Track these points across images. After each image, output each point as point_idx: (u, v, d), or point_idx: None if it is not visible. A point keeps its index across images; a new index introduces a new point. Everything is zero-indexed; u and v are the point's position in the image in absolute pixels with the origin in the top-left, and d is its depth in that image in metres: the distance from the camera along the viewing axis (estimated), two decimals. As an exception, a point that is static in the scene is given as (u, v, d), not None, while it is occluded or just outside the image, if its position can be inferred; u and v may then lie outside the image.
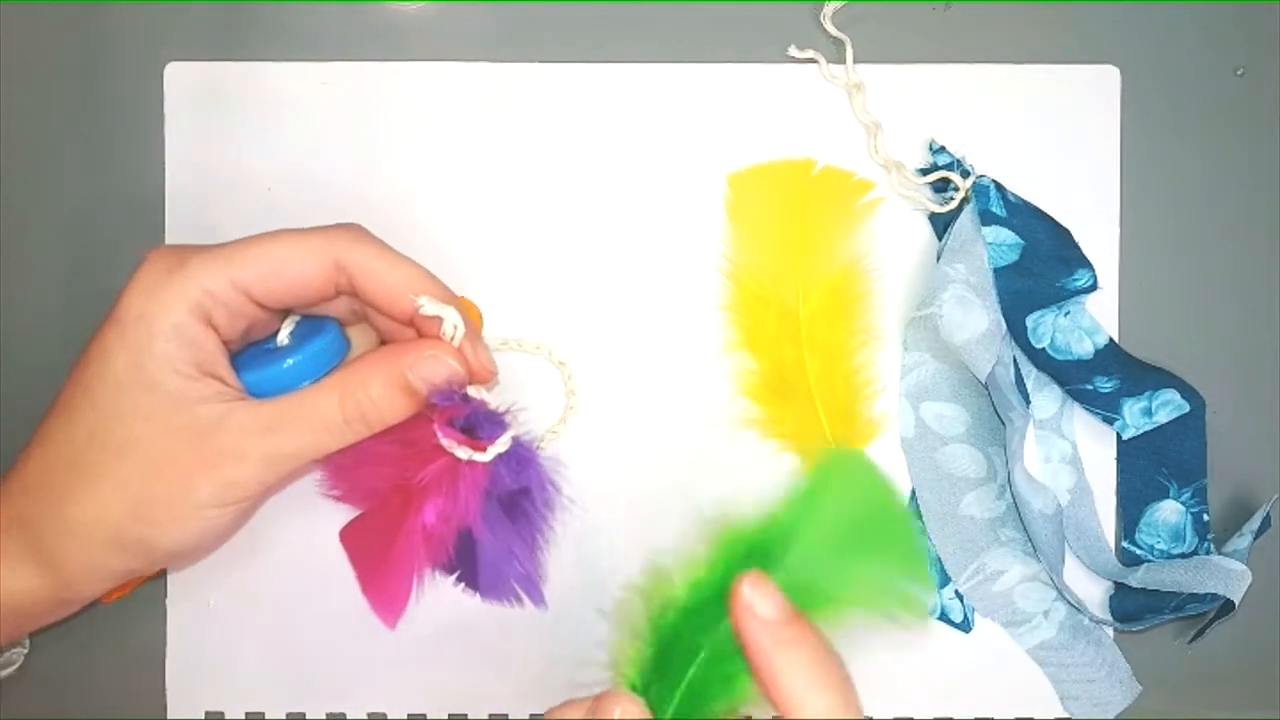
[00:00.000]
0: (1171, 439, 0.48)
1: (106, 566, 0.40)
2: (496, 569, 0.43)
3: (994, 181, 0.48)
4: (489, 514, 0.42)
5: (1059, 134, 0.48)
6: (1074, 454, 0.49)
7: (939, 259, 0.47)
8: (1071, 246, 0.48)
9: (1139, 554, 0.48)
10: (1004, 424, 0.47)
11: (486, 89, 0.48)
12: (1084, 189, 0.48)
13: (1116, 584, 0.48)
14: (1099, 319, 0.48)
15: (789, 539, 0.37)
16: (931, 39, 0.49)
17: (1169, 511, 0.48)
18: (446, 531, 0.42)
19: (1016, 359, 0.48)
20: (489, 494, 0.42)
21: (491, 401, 0.42)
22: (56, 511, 0.39)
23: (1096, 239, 0.48)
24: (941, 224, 0.48)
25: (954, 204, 0.48)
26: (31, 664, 0.45)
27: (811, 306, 0.48)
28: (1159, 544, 0.48)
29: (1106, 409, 0.48)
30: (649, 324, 0.48)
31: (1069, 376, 0.48)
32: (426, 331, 0.42)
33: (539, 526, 0.44)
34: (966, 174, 0.48)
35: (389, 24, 0.48)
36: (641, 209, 0.48)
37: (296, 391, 0.41)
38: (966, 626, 0.48)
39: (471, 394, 0.41)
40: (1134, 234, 0.49)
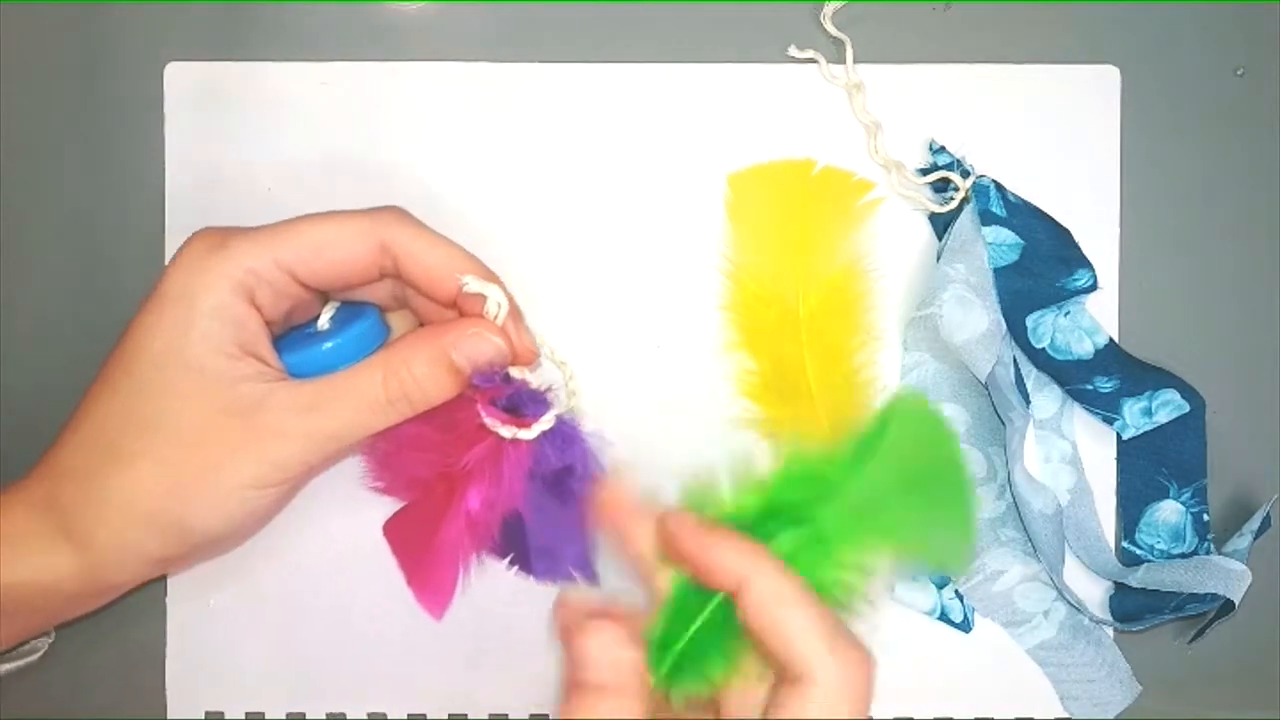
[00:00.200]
0: (1171, 439, 0.48)
1: (141, 550, 0.40)
2: (548, 550, 0.43)
3: (994, 181, 0.48)
4: (535, 495, 0.42)
5: (1059, 134, 0.48)
6: (1074, 454, 0.49)
7: (939, 259, 0.47)
8: (1071, 246, 0.48)
9: (1139, 554, 0.48)
10: (1004, 424, 0.47)
11: (486, 89, 0.48)
12: (1084, 189, 0.49)
13: (1116, 584, 0.48)
14: (1099, 319, 0.48)
15: (850, 471, 0.37)
16: (931, 39, 0.49)
17: (1169, 511, 0.48)
18: (491, 517, 0.41)
19: (1016, 359, 0.48)
20: (533, 475, 0.42)
21: (534, 381, 0.42)
22: (91, 491, 0.39)
23: (1096, 239, 0.48)
24: (941, 224, 0.48)
25: (954, 204, 0.48)
26: (32, 664, 0.45)
27: (811, 306, 0.48)
28: (1159, 544, 0.48)
29: (1106, 409, 0.48)
30: (649, 324, 0.48)
31: (1069, 376, 0.48)
32: (469, 312, 0.42)
33: (587, 506, 0.43)
34: (966, 174, 0.48)
35: (389, 24, 0.48)
36: (641, 209, 0.48)
37: (339, 371, 0.41)
38: (966, 626, 0.48)
39: (514, 374, 0.41)
40: (1134, 234, 0.49)
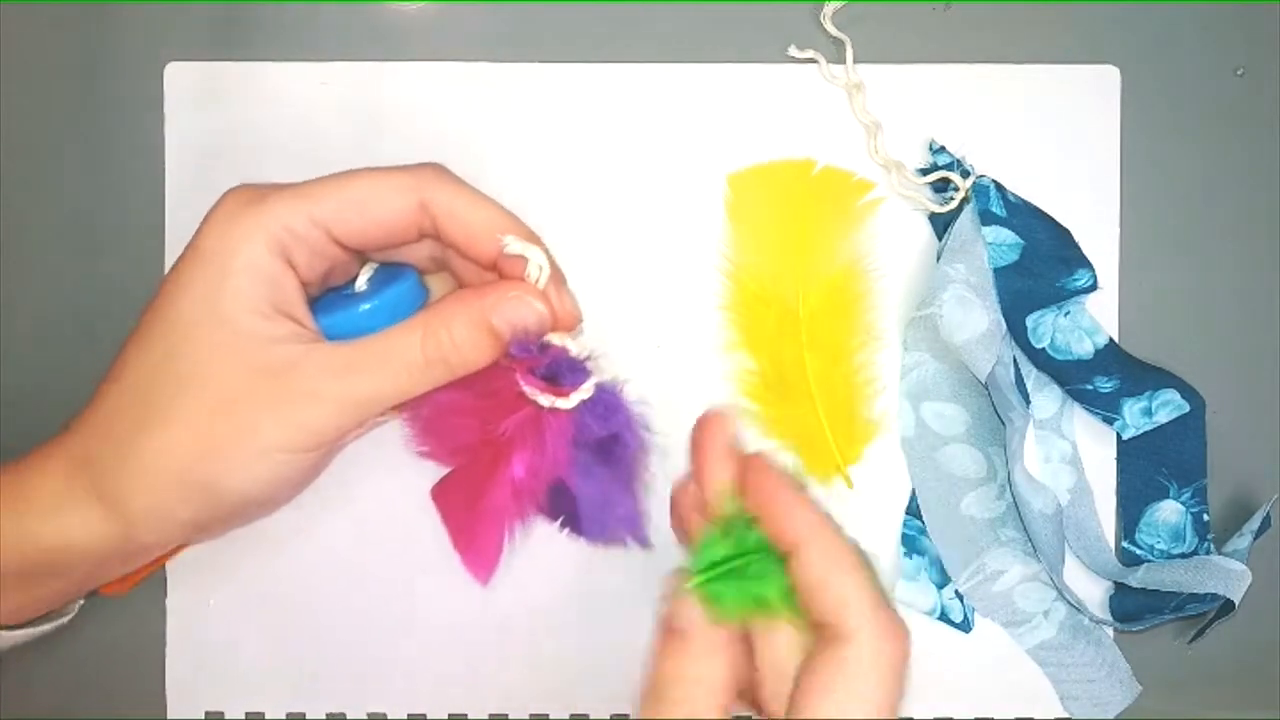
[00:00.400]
0: (1171, 439, 0.48)
1: (172, 511, 0.39)
2: (598, 514, 0.42)
3: (994, 181, 0.48)
4: (582, 461, 0.41)
5: (1059, 134, 0.48)
6: (1074, 454, 0.49)
7: (939, 259, 0.47)
8: (1071, 246, 0.48)
9: (1139, 554, 0.48)
10: (1004, 424, 0.47)
11: (486, 89, 0.48)
12: (1084, 189, 0.49)
13: (1116, 584, 0.48)
14: (1099, 319, 0.48)
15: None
16: (931, 39, 0.49)
17: (1169, 511, 0.48)
18: (536, 484, 0.41)
19: (1016, 359, 0.48)
20: (578, 442, 0.41)
21: (574, 349, 0.41)
22: (125, 447, 0.38)
23: (1096, 239, 0.48)
24: (941, 224, 0.48)
25: (954, 204, 0.48)
26: (32, 664, 0.45)
27: (811, 306, 0.48)
28: (1159, 544, 0.48)
29: (1106, 409, 0.48)
30: (649, 324, 0.48)
31: (1069, 376, 0.48)
32: (510, 275, 0.41)
33: (634, 471, 0.43)
34: (966, 174, 0.48)
35: (389, 24, 0.48)
36: (641, 209, 0.48)
37: (376, 334, 0.39)
38: (966, 626, 0.48)
39: (555, 341, 0.40)
40: (1134, 234, 0.49)
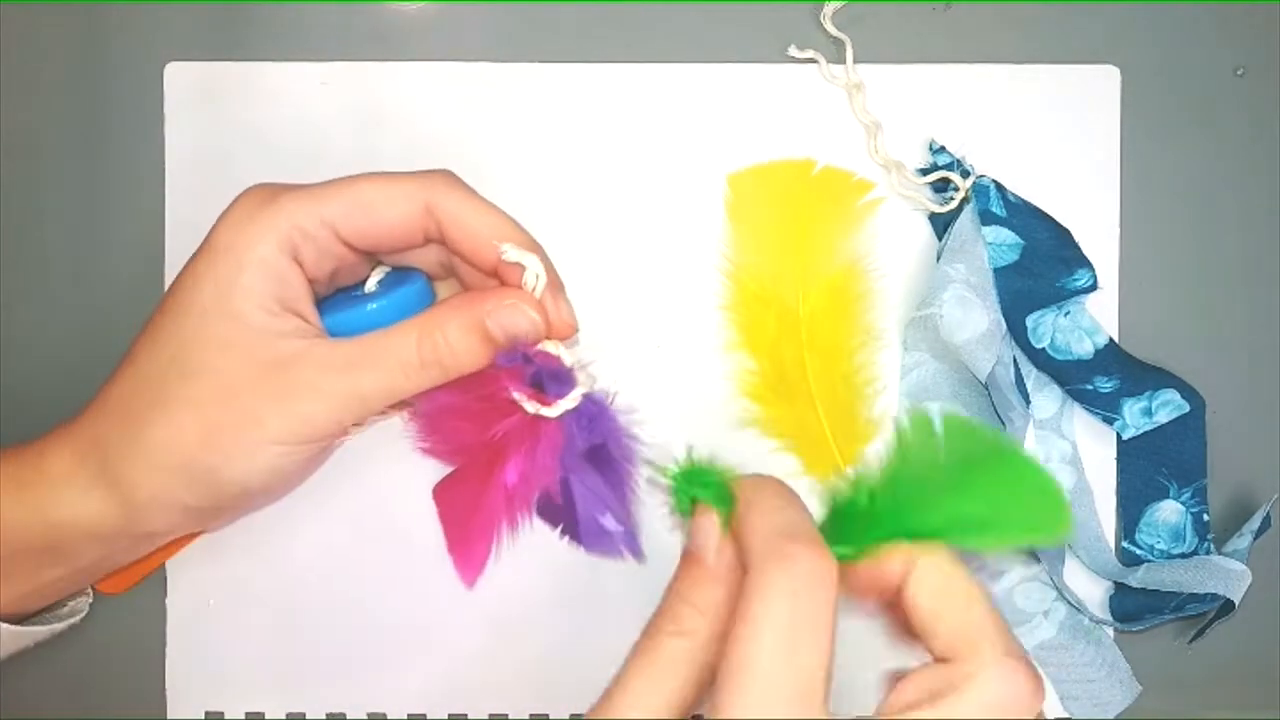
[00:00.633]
0: (1171, 439, 0.48)
1: (176, 496, 0.40)
2: (591, 524, 0.43)
3: (994, 181, 0.48)
4: (577, 468, 0.42)
5: (1059, 134, 0.48)
6: (1074, 454, 0.49)
7: (939, 259, 0.47)
8: (1071, 246, 0.48)
9: (1139, 554, 0.48)
10: (1004, 424, 0.47)
11: (486, 89, 0.48)
12: (1084, 189, 0.49)
13: (1116, 584, 0.48)
14: (1099, 319, 0.48)
15: (892, 495, 0.35)
16: (931, 39, 0.49)
17: (1169, 511, 0.48)
18: (528, 491, 0.41)
19: (1016, 359, 0.48)
20: (569, 451, 0.41)
21: (567, 358, 0.41)
22: (131, 433, 0.39)
23: (1096, 239, 0.48)
24: (941, 224, 0.48)
25: (954, 204, 0.48)
26: (32, 664, 0.45)
27: (811, 306, 0.48)
28: (1159, 544, 0.48)
29: (1106, 409, 0.48)
30: (649, 324, 0.48)
31: (1069, 376, 0.48)
32: (509, 282, 0.41)
33: (624, 480, 0.43)
34: (966, 174, 0.48)
35: (389, 24, 0.48)
36: (641, 209, 0.48)
37: (376, 332, 0.41)
38: (966, 626, 0.48)
39: (550, 349, 0.41)
40: (1134, 234, 0.49)
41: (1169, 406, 0.48)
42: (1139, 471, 0.48)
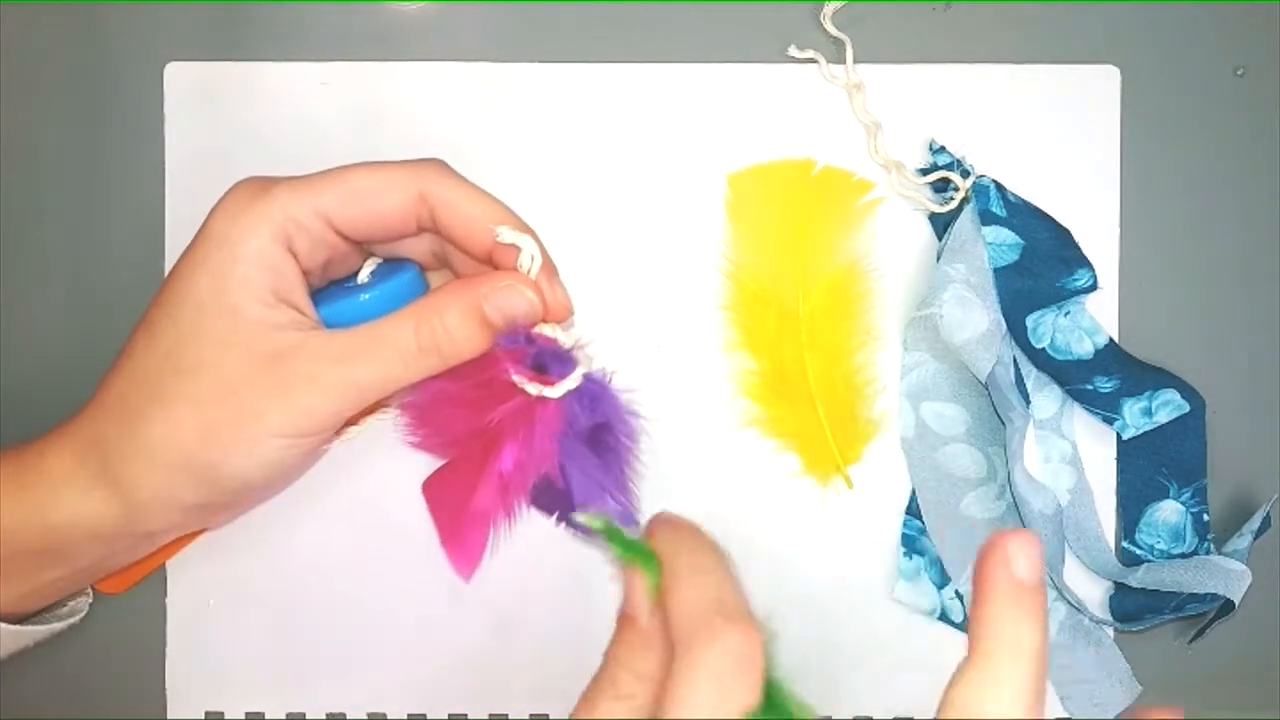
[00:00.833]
0: (1171, 439, 0.48)
1: (176, 494, 0.40)
2: (590, 507, 0.42)
3: (994, 181, 0.48)
4: (574, 453, 0.42)
5: (1059, 134, 0.48)
6: (1074, 454, 0.49)
7: (939, 259, 0.47)
8: (1071, 246, 0.48)
9: (1139, 554, 0.48)
10: (1004, 424, 0.47)
11: (486, 89, 0.48)
12: (1084, 189, 0.48)
13: (1116, 584, 0.48)
14: (1099, 319, 0.48)
15: None
16: (931, 39, 0.49)
17: (1169, 511, 0.48)
18: (524, 478, 0.41)
19: (1016, 359, 0.48)
20: (569, 434, 0.41)
21: (564, 339, 0.41)
22: (130, 430, 0.39)
23: (1096, 239, 0.48)
24: (941, 224, 0.48)
25: (954, 204, 0.48)
26: (32, 664, 0.45)
27: (811, 306, 0.48)
28: (1159, 544, 0.48)
29: (1106, 409, 0.48)
30: (649, 324, 0.48)
31: (1069, 376, 0.48)
32: (504, 266, 0.41)
33: (625, 459, 0.43)
34: (966, 174, 0.48)
35: (389, 24, 0.48)
36: (641, 209, 0.48)
37: (373, 322, 0.41)
38: (966, 627, 0.48)
39: (547, 332, 0.41)
40: (1134, 234, 0.49)
41: (1169, 406, 0.48)
42: (1139, 471, 0.48)
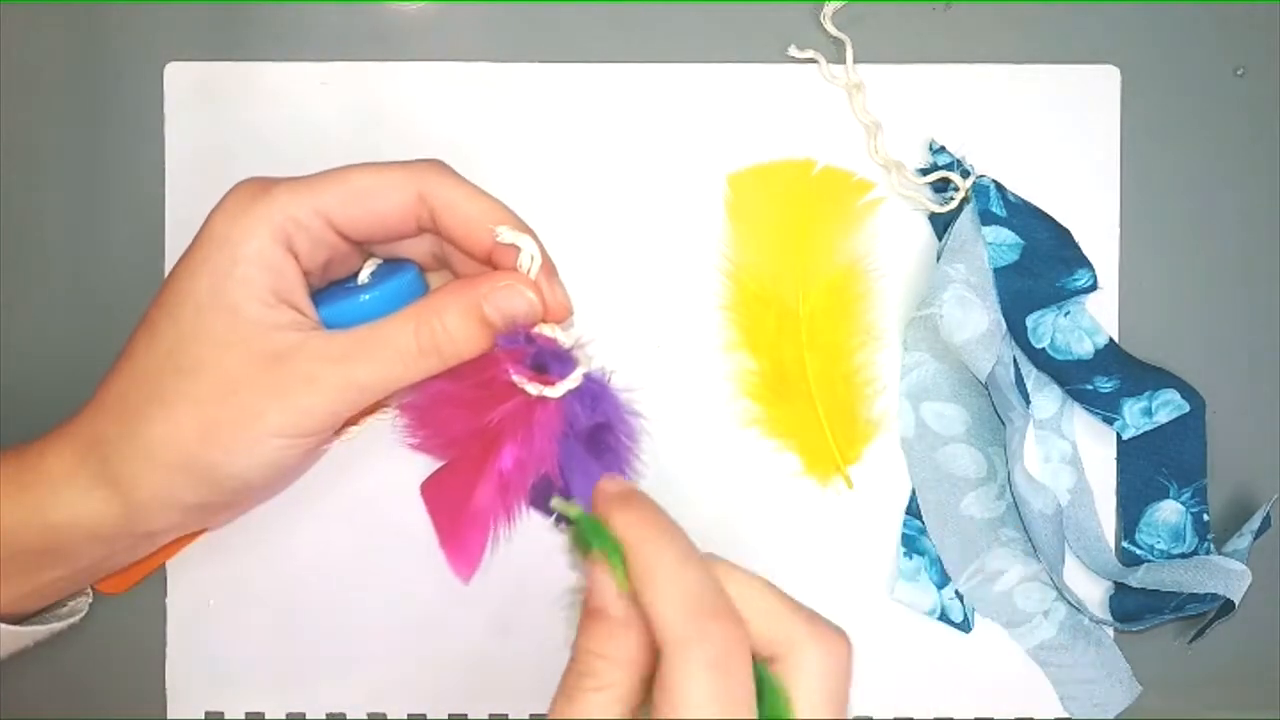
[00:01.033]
0: (1171, 439, 0.48)
1: (176, 494, 0.40)
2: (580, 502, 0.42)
3: (994, 181, 0.48)
4: (573, 454, 0.41)
5: (1059, 134, 0.48)
6: (1074, 454, 0.49)
7: (939, 259, 0.47)
8: (1071, 246, 0.48)
9: (1139, 554, 0.48)
10: (1004, 424, 0.47)
11: (486, 89, 0.48)
12: (1084, 189, 0.48)
13: (1116, 584, 0.48)
14: (1099, 319, 0.48)
15: None
16: (931, 39, 0.49)
17: (1169, 511, 0.48)
18: (523, 478, 0.41)
19: (1016, 359, 0.48)
20: (569, 435, 0.41)
21: (563, 339, 0.41)
22: (130, 430, 0.39)
23: (1096, 239, 0.48)
24: (941, 224, 0.48)
25: (954, 204, 0.48)
26: (32, 664, 0.45)
27: (811, 306, 0.48)
28: (1159, 544, 0.48)
29: (1106, 409, 0.48)
30: (649, 324, 0.48)
31: (1069, 376, 0.48)
32: (503, 266, 0.41)
33: (625, 459, 0.42)
34: (966, 174, 0.48)
35: (389, 24, 0.48)
36: (641, 209, 0.48)
37: (373, 322, 0.41)
38: (966, 626, 0.48)
39: (547, 332, 0.41)
40: (1134, 234, 0.49)
41: (1169, 406, 0.48)
42: (1139, 471, 0.48)
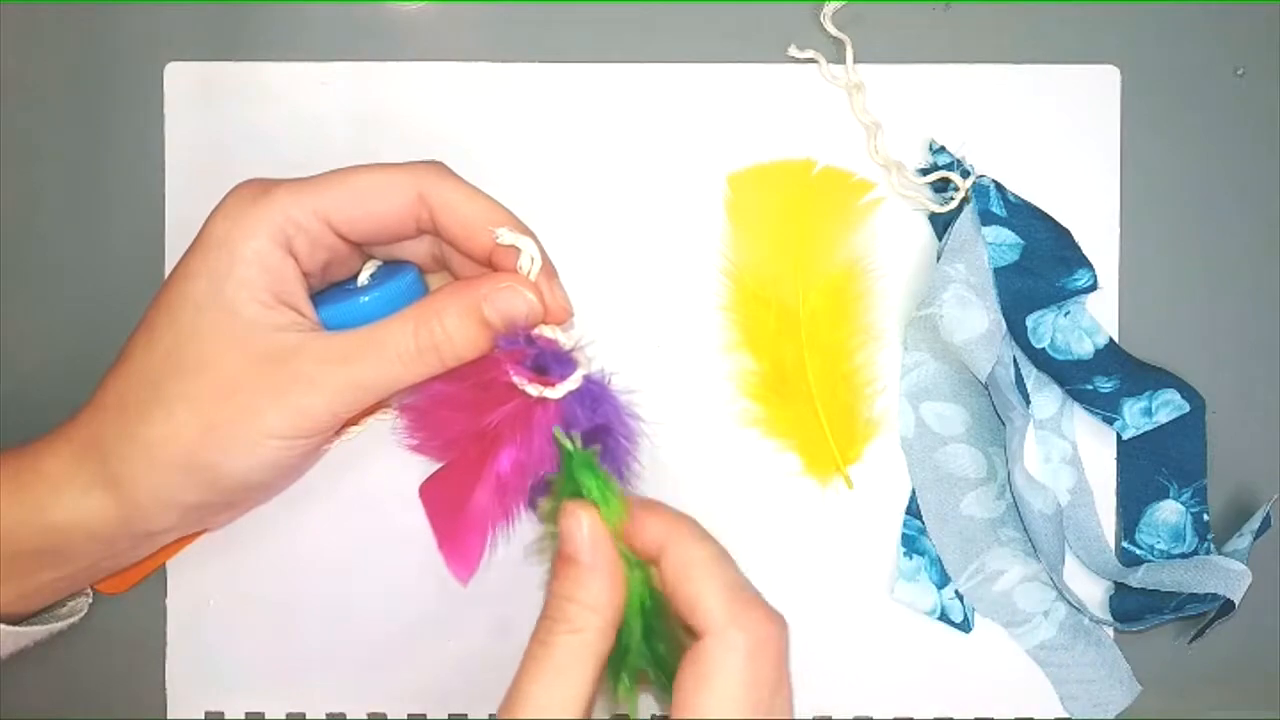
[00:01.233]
0: (1171, 439, 0.48)
1: (175, 494, 0.40)
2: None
3: (994, 181, 0.48)
4: None
5: (1059, 134, 0.48)
6: (1074, 454, 0.49)
7: (939, 259, 0.47)
8: (1071, 246, 0.48)
9: (1139, 554, 0.48)
10: (1004, 424, 0.47)
11: (486, 89, 0.48)
12: (1084, 189, 0.48)
13: (1116, 584, 0.48)
14: (1099, 319, 0.48)
15: None
16: (931, 39, 0.49)
17: (1169, 511, 0.48)
18: (522, 480, 0.41)
19: (1016, 359, 0.48)
20: (568, 436, 0.41)
21: (564, 340, 0.41)
22: (129, 431, 0.39)
23: (1096, 239, 0.48)
24: (941, 224, 0.48)
25: (954, 204, 0.48)
26: (32, 664, 0.45)
27: (811, 306, 0.48)
28: (1159, 544, 0.48)
29: (1106, 409, 0.48)
30: (649, 324, 0.48)
31: (1069, 376, 0.48)
32: (503, 268, 0.41)
33: (624, 461, 0.42)
34: (966, 174, 0.48)
35: (389, 24, 0.48)
36: (641, 209, 0.48)
37: (373, 324, 0.41)
38: (966, 626, 0.48)
39: (547, 333, 0.41)
40: (1133, 234, 0.49)
41: (1169, 406, 0.48)
42: (1139, 471, 0.48)
